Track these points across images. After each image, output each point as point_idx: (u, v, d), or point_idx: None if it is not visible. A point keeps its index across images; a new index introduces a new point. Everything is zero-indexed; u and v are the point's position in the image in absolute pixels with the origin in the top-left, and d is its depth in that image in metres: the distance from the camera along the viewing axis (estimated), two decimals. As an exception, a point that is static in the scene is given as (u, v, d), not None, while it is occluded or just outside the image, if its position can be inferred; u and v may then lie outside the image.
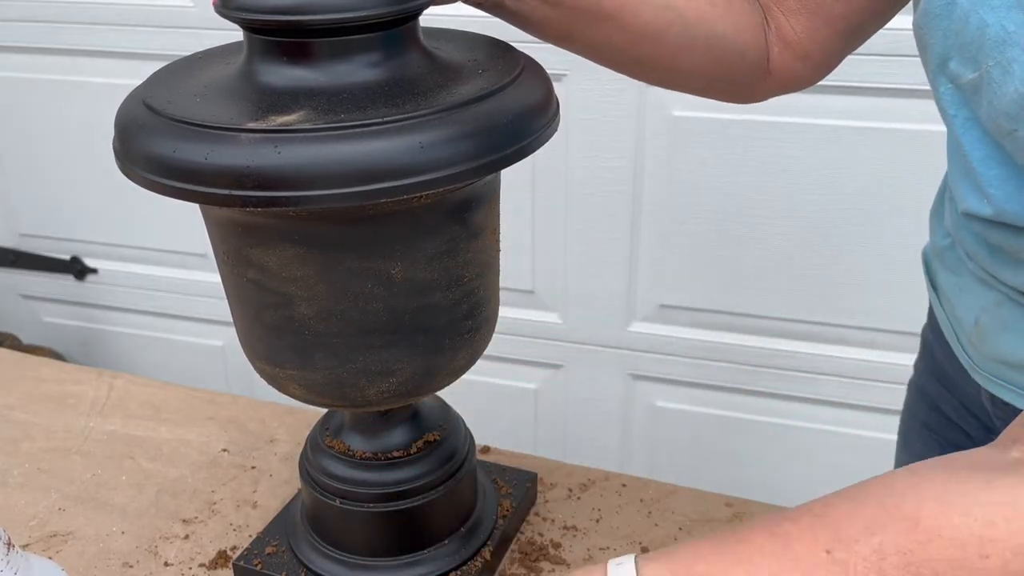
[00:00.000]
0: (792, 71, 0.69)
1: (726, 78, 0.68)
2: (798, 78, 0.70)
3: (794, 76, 0.70)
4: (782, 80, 0.70)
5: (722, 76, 0.68)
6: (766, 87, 0.70)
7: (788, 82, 0.71)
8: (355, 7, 0.50)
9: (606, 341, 1.53)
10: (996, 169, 0.56)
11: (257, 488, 0.81)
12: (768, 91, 0.71)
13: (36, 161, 1.77)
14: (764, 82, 0.70)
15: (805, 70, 0.70)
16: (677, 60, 0.65)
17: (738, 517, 0.75)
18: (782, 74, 0.70)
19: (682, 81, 0.69)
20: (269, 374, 0.60)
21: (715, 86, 0.70)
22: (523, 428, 1.66)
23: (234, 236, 0.54)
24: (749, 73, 0.69)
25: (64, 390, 0.95)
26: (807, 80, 0.71)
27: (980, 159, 0.56)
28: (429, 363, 0.58)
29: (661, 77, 0.69)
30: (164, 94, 0.53)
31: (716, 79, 0.68)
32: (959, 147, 0.58)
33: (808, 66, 0.69)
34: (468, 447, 0.70)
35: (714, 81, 0.69)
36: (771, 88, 0.71)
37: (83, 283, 1.87)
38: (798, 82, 0.71)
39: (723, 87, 0.71)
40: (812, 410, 1.47)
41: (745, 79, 0.69)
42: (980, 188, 0.57)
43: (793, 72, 0.70)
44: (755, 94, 0.72)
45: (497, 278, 0.63)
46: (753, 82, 0.70)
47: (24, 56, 1.68)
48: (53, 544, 0.74)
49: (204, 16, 1.49)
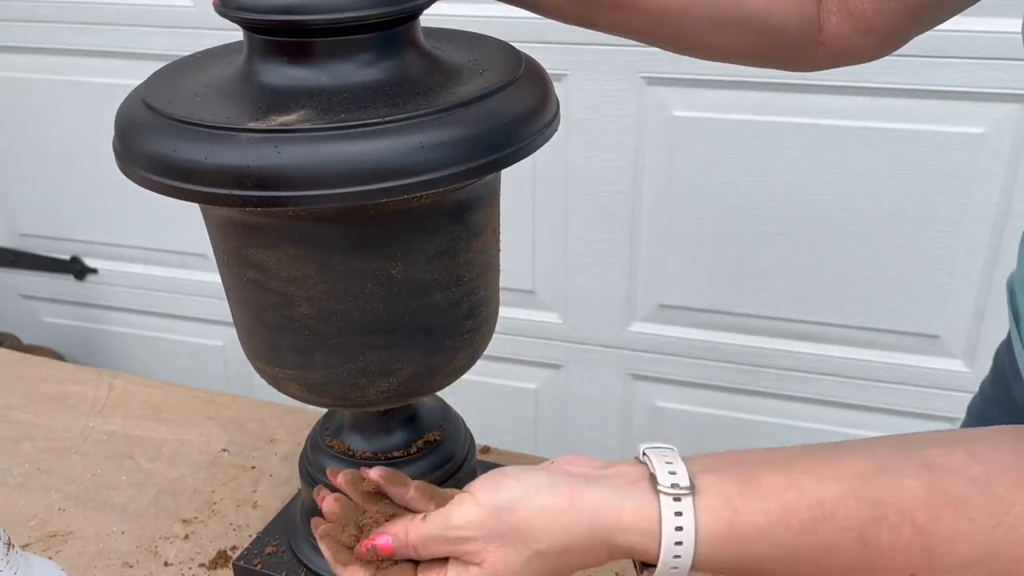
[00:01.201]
0: (851, 43, 0.65)
1: (767, 52, 0.66)
2: (858, 51, 0.66)
3: (854, 48, 0.66)
4: (838, 52, 0.66)
5: (761, 51, 0.65)
6: (817, 58, 0.67)
7: (845, 54, 0.66)
8: (355, 7, 0.50)
9: (606, 341, 1.52)
10: None
11: (257, 488, 0.81)
12: (821, 62, 0.67)
13: (36, 161, 1.77)
14: (814, 53, 0.66)
15: (867, 44, 0.65)
16: (704, 39, 0.63)
17: (738, 517, 0.75)
18: (839, 46, 0.66)
19: (719, 56, 0.66)
20: (269, 374, 0.60)
21: (757, 60, 0.68)
22: (523, 428, 1.66)
23: (234, 236, 0.54)
24: (793, 46, 0.65)
25: (64, 390, 0.95)
26: (868, 54, 0.67)
27: None
28: (429, 363, 0.58)
29: (694, 53, 0.66)
30: (164, 94, 0.53)
31: (755, 54, 0.66)
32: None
33: (871, 41, 0.65)
34: (468, 447, 0.70)
35: (753, 56, 0.66)
36: (824, 59, 0.67)
37: (83, 283, 1.87)
38: (858, 55, 0.67)
39: (766, 61, 0.68)
40: (812, 410, 1.47)
41: (789, 52, 0.66)
42: None
43: (853, 45, 0.65)
44: (805, 64, 0.68)
45: (497, 278, 0.63)
46: (800, 54, 0.66)
47: (24, 56, 1.68)
48: (53, 544, 0.74)
49: (204, 16, 1.49)
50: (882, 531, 0.42)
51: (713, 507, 0.45)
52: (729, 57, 0.66)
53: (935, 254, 1.25)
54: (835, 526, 0.43)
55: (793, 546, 0.43)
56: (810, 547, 0.43)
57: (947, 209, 1.21)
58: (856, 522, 0.42)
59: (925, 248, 1.25)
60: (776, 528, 0.43)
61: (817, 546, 0.43)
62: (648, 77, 1.30)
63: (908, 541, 0.42)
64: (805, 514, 0.43)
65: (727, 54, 0.66)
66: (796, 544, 0.43)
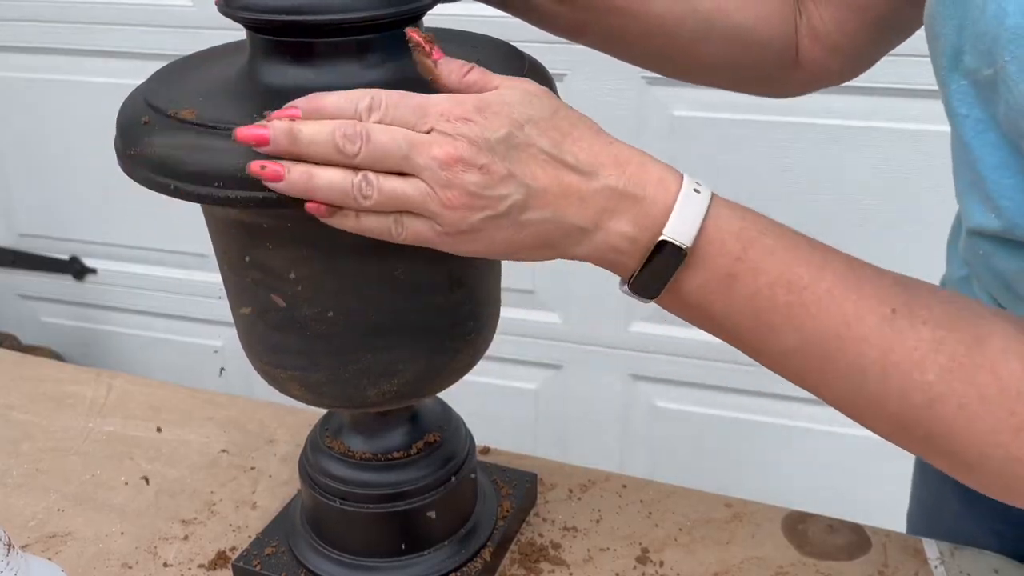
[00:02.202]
0: (822, 64, 0.66)
1: (750, 70, 0.66)
2: (829, 72, 0.67)
3: (825, 70, 0.67)
4: (813, 73, 0.67)
5: (745, 68, 0.66)
6: (796, 80, 0.68)
7: (819, 76, 0.67)
8: (359, 7, 0.50)
9: (606, 341, 1.53)
10: (1011, 179, 0.50)
11: (256, 489, 0.81)
12: (800, 85, 0.68)
13: (36, 161, 1.76)
14: (793, 74, 0.67)
15: (836, 64, 0.66)
16: (693, 53, 0.64)
17: (738, 517, 0.75)
18: (812, 67, 0.67)
19: (701, 74, 0.67)
20: (270, 374, 0.60)
21: (738, 79, 0.68)
22: (523, 428, 1.66)
23: (235, 236, 0.54)
24: (776, 64, 0.66)
25: (63, 390, 0.95)
26: (838, 75, 0.67)
27: (992, 166, 0.50)
28: (431, 364, 0.58)
29: (681, 70, 0.67)
30: (166, 93, 0.52)
31: (739, 71, 0.67)
32: (967, 153, 0.52)
33: (838, 60, 0.66)
34: (468, 448, 0.70)
35: (738, 72, 0.67)
36: (802, 82, 0.68)
37: (82, 283, 1.87)
38: (829, 76, 0.67)
39: (747, 80, 0.69)
40: (812, 410, 1.47)
41: (772, 71, 0.67)
42: (990, 199, 0.52)
43: (824, 65, 0.66)
44: (786, 87, 0.69)
45: (499, 279, 0.63)
46: (782, 74, 0.67)
47: (24, 56, 1.68)
48: (52, 545, 0.74)
49: (204, 16, 1.49)
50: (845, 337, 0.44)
51: (728, 213, 0.45)
52: (716, 72, 0.67)
53: (936, 254, 1.25)
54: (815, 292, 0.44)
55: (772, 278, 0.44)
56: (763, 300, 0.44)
57: (948, 209, 1.21)
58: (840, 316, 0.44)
59: (926, 248, 1.25)
60: (775, 259, 0.44)
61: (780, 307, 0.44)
62: (648, 77, 1.30)
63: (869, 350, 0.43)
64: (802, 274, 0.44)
65: (714, 67, 0.66)
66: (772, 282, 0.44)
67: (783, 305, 0.44)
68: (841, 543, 0.72)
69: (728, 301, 0.45)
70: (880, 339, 0.43)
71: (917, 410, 0.43)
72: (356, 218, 0.44)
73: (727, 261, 0.44)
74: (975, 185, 0.53)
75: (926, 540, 0.72)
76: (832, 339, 0.44)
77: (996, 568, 0.69)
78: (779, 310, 0.44)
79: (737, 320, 0.45)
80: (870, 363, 0.43)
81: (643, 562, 0.71)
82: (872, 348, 0.43)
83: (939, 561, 0.70)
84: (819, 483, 1.49)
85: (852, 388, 0.44)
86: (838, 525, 0.74)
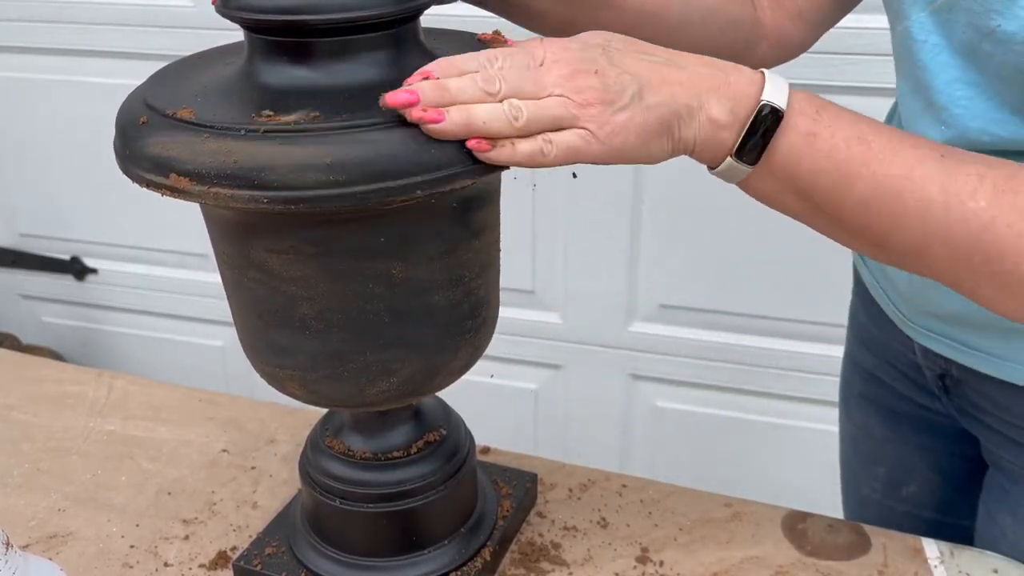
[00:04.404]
0: (786, 33, 0.72)
1: (725, 49, 0.69)
2: (793, 40, 0.73)
3: (788, 38, 0.72)
4: (777, 45, 0.72)
5: (720, 49, 0.68)
6: (762, 55, 0.72)
7: (784, 46, 0.73)
8: (356, 7, 0.50)
9: (606, 341, 1.53)
10: (963, 90, 0.58)
11: (257, 488, 0.81)
12: (765, 60, 0.73)
13: (36, 161, 1.77)
14: (759, 49, 0.72)
15: (799, 31, 0.72)
16: (676, 38, 0.66)
17: (738, 517, 0.75)
18: (775, 38, 0.72)
19: None
20: (269, 374, 0.60)
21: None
22: (523, 428, 1.66)
23: (235, 236, 0.54)
24: (744, 42, 0.71)
25: (64, 390, 0.95)
26: (802, 41, 0.73)
27: (946, 82, 0.59)
28: (430, 363, 0.58)
29: None
30: (165, 94, 0.53)
31: (717, 52, 0.69)
32: (922, 74, 0.60)
33: (801, 26, 0.72)
34: (468, 447, 0.70)
35: (717, 55, 0.70)
36: (767, 56, 0.73)
37: (83, 283, 1.87)
38: (793, 44, 0.73)
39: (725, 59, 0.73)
40: (812, 410, 1.47)
41: (741, 48, 0.71)
42: (942, 112, 0.60)
43: (787, 34, 0.72)
44: (753, 65, 0.73)
45: (498, 278, 0.63)
46: (749, 50, 0.71)
47: (24, 56, 1.68)
48: (53, 545, 0.74)
49: (204, 16, 1.49)
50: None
51: (803, 94, 0.51)
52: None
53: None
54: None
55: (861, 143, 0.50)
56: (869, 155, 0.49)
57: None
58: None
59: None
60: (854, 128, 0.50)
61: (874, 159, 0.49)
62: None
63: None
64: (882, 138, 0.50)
65: (696, 52, 0.68)
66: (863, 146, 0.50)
67: (858, 155, 0.49)
68: (841, 543, 0.72)
69: (812, 157, 0.50)
70: (939, 175, 0.49)
71: (975, 235, 0.48)
72: (512, 146, 0.49)
73: (807, 121, 0.50)
74: (928, 104, 0.61)
75: (926, 540, 0.72)
76: (902, 179, 0.49)
77: (996, 568, 0.69)
78: (855, 160, 0.49)
79: (820, 177, 0.50)
80: (934, 196, 0.49)
81: (643, 562, 0.71)
82: (933, 184, 0.49)
83: (939, 561, 0.70)
84: (819, 483, 1.49)
85: (920, 224, 0.49)
86: (838, 525, 0.74)
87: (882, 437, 0.84)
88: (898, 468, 0.84)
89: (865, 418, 0.86)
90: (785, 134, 0.50)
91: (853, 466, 0.91)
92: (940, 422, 0.78)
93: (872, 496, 0.87)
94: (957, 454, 0.80)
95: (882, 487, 0.86)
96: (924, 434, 0.81)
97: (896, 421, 0.82)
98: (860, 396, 0.86)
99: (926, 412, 0.79)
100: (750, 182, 0.52)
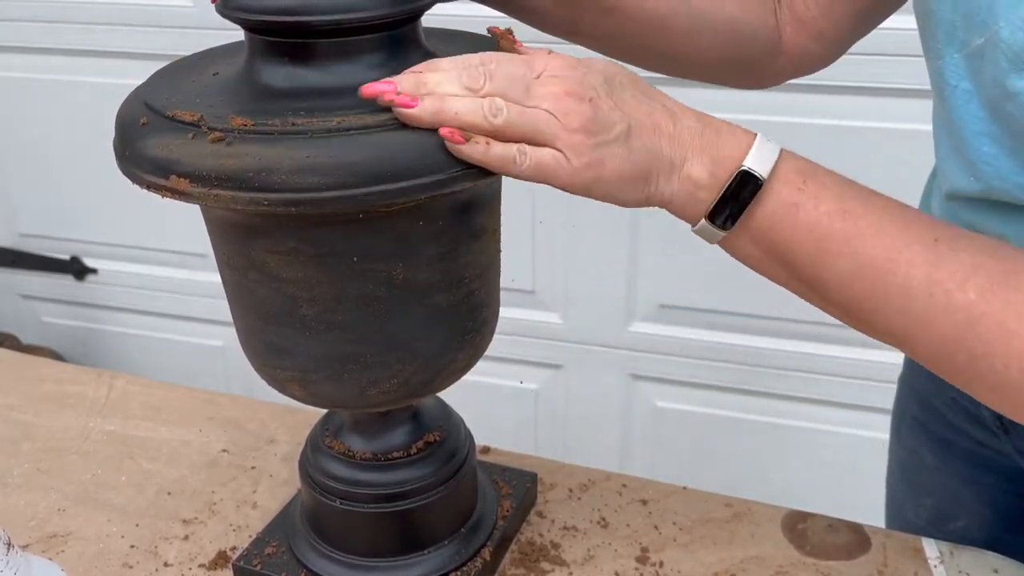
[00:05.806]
0: (806, 50, 0.69)
1: (738, 61, 0.68)
2: (812, 58, 0.69)
3: (808, 55, 0.69)
4: (795, 60, 0.69)
5: (733, 59, 0.67)
6: (779, 69, 0.70)
7: (802, 62, 0.70)
8: (357, 8, 0.50)
9: (606, 341, 1.53)
10: (989, 147, 0.55)
11: (257, 488, 0.81)
12: (781, 73, 0.70)
13: (36, 161, 1.77)
14: (776, 63, 0.69)
15: (819, 48, 0.69)
16: (686, 46, 0.65)
17: (738, 517, 0.75)
18: (795, 54, 0.69)
19: (693, 68, 0.68)
20: (269, 375, 0.60)
21: (727, 71, 0.70)
22: (523, 428, 1.66)
23: (235, 237, 0.54)
24: (761, 54, 0.68)
25: (64, 390, 0.95)
26: (821, 60, 0.70)
27: (974, 134, 0.56)
28: (430, 364, 0.58)
29: (671, 65, 0.68)
30: (165, 94, 0.52)
31: (727, 63, 0.68)
32: (953, 121, 0.57)
33: (822, 44, 0.68)
34: (468, 448, 0.70)
35: (726, 65, 0.68)
36: (784, 69, 0.70)
37: (83, 283, 1.87)
38: (812, 62, 0.70)
39: (735, 71, 0.70)
40: (812, 410, 1.47)
41: (757, 61, 0.68)
42: (970, 164, 0.56)
43: (807, 51, 0.69)
44: (768, 77, 0.71)
45: (498, 279, 0.63)
46: (765, 64, 0.69)
47: (24, 56, 1.68)
48: (53, 544, 0.74)
49: (204, 16, 1.49)
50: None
51: (788, 153, 0.50)
52: (708, 66, 0.68)
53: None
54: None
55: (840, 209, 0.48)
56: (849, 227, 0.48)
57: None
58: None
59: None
60: (835, 193, 0.49)
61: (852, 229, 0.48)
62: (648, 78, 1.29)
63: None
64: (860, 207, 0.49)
65: (707, 62, 0.67)
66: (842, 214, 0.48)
67: (840, 231, 0.48)
68: (841, 543, 0.72)
69: (792, 229, 0.48)
70: (925, 262, 0.47)
71: (960, 329, 0.46)
72: (487, 146, 0.47)
73: (791, 191, 0.48)
74: (957, 151, 0.58)
75: (926, 540, 0.72)
76: (884, 262, 0.47)
77: (996, 568, 0.69)
78: (836, 236, 0.48)
79: (799, 249, 0.49)
80: (918, 283, 0.47)
81: (643, 562, 0.71)
82: (919, 270, 0.47)
83: (939, 561, 0.70)
84: (819, 483, 1.49)
85: (901, 310, 0.47)
86: (838, 525, 0.74)
87: (932, 466, 0.80)
88: (947, 500, 0.80)
89: (917, 445, 0.81)
90: (765, 202, 0.48)
91: (900, 491, 0.86)
92: (996, 459, 0.74)
93: (916, 522, 0.82)
94: (1011, 491, 0.75)
95: (928, 517, 0.82)
96: (977, 469, 0.76)
97: (949, 452, 0.78)
98: (913, 420, 0.81)
99: (982, 448, 0.75)
100: (729, 246, 0.50)
